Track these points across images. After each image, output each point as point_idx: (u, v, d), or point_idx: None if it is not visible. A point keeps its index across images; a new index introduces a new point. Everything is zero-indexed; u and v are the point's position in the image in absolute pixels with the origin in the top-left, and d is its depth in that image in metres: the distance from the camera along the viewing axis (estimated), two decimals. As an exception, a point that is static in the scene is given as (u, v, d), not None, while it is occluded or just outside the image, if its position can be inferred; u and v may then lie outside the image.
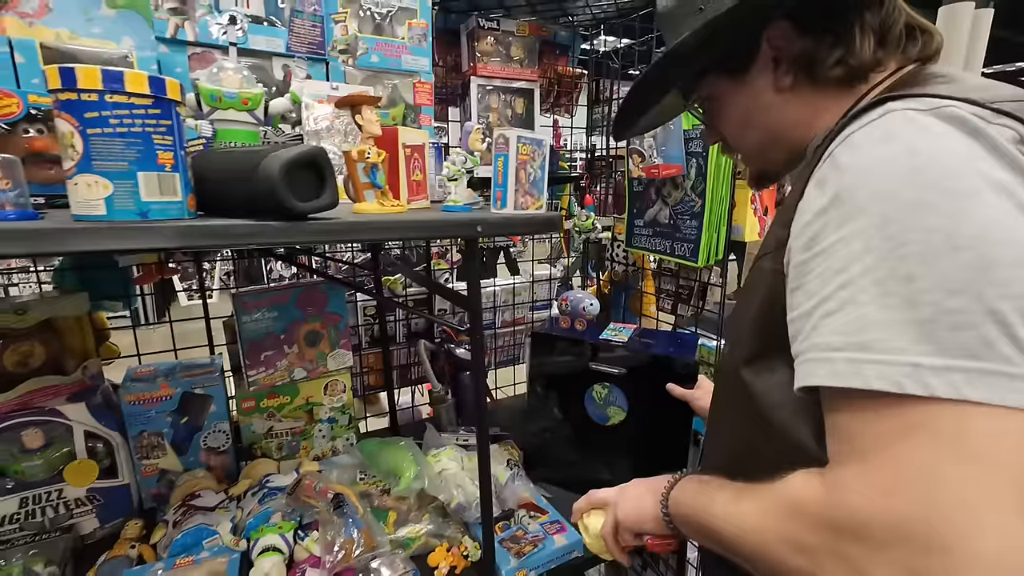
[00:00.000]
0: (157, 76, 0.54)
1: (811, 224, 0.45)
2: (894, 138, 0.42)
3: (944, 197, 0.38)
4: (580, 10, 1.42)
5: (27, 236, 0.48)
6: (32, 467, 0.99)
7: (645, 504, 0.67)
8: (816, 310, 0.43)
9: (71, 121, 0.51)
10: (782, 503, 0.46)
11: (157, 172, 0.55)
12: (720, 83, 0.64)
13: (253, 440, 1.25)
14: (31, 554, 0.94)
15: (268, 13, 1.04)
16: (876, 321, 0.39)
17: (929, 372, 0.37)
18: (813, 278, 0.44)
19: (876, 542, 0.37)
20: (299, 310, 1.25)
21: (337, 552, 0.90)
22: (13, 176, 0.54)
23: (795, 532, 0.43)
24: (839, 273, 0.42)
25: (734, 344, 0.60)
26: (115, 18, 0.96)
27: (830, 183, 0.44)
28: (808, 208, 0.46)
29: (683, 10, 0.62)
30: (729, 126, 0.67)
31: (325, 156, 0.62)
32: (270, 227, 0.59)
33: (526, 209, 0.81)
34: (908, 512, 0.36)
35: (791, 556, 0.43)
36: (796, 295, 0.46)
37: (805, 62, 0.56)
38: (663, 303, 1.59)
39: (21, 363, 1.00)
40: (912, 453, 0.37)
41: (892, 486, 0.37)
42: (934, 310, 0.37)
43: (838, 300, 0.41)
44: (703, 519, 0.56)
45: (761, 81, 0.60)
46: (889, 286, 0.39)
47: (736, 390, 0.57)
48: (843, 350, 0.41)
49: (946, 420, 0.36)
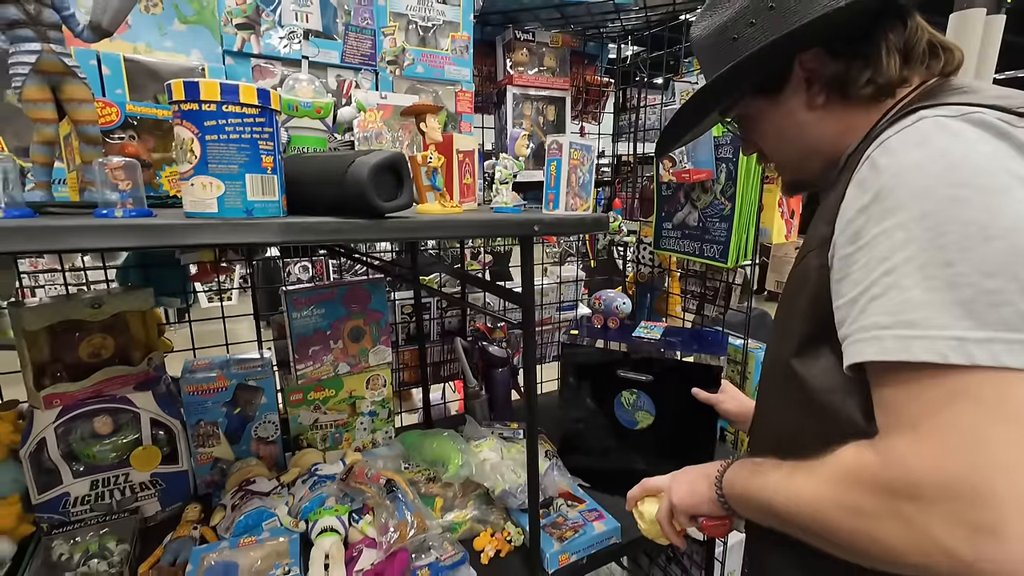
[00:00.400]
0: (264, 89, 0.60)
1: (854, 220, 0.50)
2: (928, 141, 0.46)
3: (977, 193, 0.43)
4: (611, 22, 1.48)
5: (158, 230, 0.54)
6: (102, 452, 1.06)
7: (699, 488, 0.71)
8: (863, 296, 0.48)
9: (192, 128, 0.58)
10: (837, 473, 0.50)
11: (260, 174, 0.61)
12: (756, 103, 0.69)
13: (299, 431, 1.31)
14: (103, 533, 1.00)
15: (325, 27, 1.11)
16: (921, 302, 0.43)
17: (972, 344, 0.41)
18: (858, 268, 0.49)
19: (929, 500, 0.42)
20: (344, 307, 1.31)
21: (392, 533, 0.96)
22: (133, 178, 0.60)
23: (852, 498, 0.48)
24: (883, 261, 0.46)
25: (782, 338, 0.64)
26: (185, 32, 1.03)
27: (870, 183, 0.49)
28: (850, 206, 0.51)
29: (717, 40, 0.68)
30: (765, 141, 0.73)
31: (404, 161, 0.68)
32: (356, 224, 0.65)
33: (575, 210, 0.87)
34: (956, 471, 0.41)
35: (848, 520, 0.48)
36: (843, 284, 0.51)
37: (837, 83, 0.61)
38: (688, 304, 1.64)
39: (94, 354, 1.07)
40: (958, 418, 0.42)
41: (941, 449, 0.42)
42: (974, 290, 0.41)
43: (883, 285, 0.46)
44: (758, 497, 0.60)
45: (795, 101, 0.64)
46: (930, 271, 0.43)
47: (786, 379, 0.61)
48: (891, 328, 0.45)
49: (988, 386, 0.41)
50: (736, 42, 0.65)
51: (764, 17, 0.62)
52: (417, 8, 1.21)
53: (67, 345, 1.04)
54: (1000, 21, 1.41)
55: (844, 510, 0.48)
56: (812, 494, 0.52)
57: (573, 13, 1.40)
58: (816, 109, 0.63)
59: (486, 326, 1.60)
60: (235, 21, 1.03)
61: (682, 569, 1.70)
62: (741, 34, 0.64)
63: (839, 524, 0.49)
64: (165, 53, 1.02)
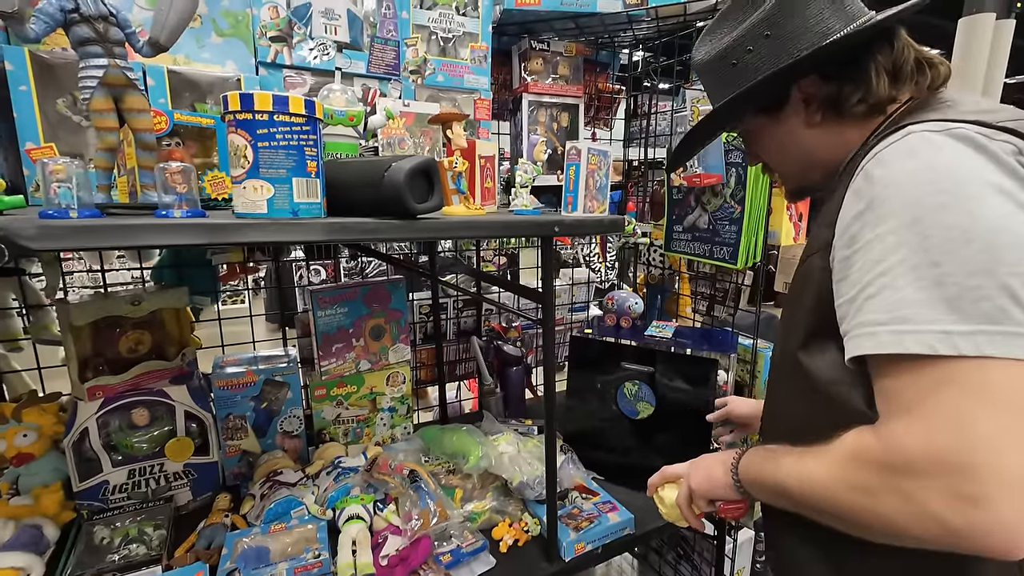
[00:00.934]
0: (310, 99, 0.65)
1: (851, 226, 0.55)
2: (915, 155, 0.52)
3: (958, 201, 0.48)
4: (623, 31, 1.53)
5: (217, 229, 0.60)
6: (140, 442, 1.11)
7: (716, 474, 0.75)
8: (860, 295, 0.52)
9: (245, 136, 0.63)
10: (842, 456, 0.54)
11: (306, 178, 0.67)
12: (758, 120, 0.75)
13: (323, 426, 1.36)
14: (140, 519, 1.06)
15: (352, 39, 1.16)
16: (911, 299, 0.48)
17: (958, 336, 0.46)
18: (856, 269, 0.53)
19: (922, 475, 0.46)
20: (366, 306, 1.36)
21: (415, 521, 1.00)
22: (189, 182, 0.66)
23: (856, 477, 0.52)
24: (878, 263, 0.51)
25: (788, 333, 0.69)
26: (221, 45, 1.10)
27: (864, 192, 0.54)
28: (848, 213, 0.56)
29: (719, 65, 0.73)
30: (768, 154, 0.79)
31: (435, 165, 0.73)
32: (391, 224, 0.70)
33: (592, 212, 0.92)
34: (945, 448, 0.45)
35: (854, 498, 0.52)
36: (842, 285, 0.56)
37: (831, 103, 0.66)
38: (698, 305, 1.67)
39: (132, 349, 1.13)
40: (946, 402, 0.46)
41: (931, 430, 0.46)
42: (958, 288, 0.46)
43: (878, 285, 0.51)
44: (772, 481, 0.64)
45: (794, 119, 0.70)
46: (920, 271, 0.48)
47: (793, 371, 0.66)
48: (886, 324, 0.50)
49: (972, 374, 0.45)
50: (736, 67, 0.70)
51: (761, 44, 0.68)
52: (439, 20, 1.26)
53: (108, 340, 1.10)
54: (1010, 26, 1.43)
55: (850, 489, 0.53)
56: (821, 476, 0.56)
57: (587, 23, 1.45)
58: (814, 127, 0.69)
59: (501, 326, 1.64)
60: (269, 34, 1.09)
61: (692, 566, 1.73)
62: (740, 60, 0.70)
63: (846, 502, 0.53)
64: (203, 64, 1.08)
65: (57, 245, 0.54)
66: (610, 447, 1.29)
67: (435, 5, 1.27)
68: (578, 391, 1.33)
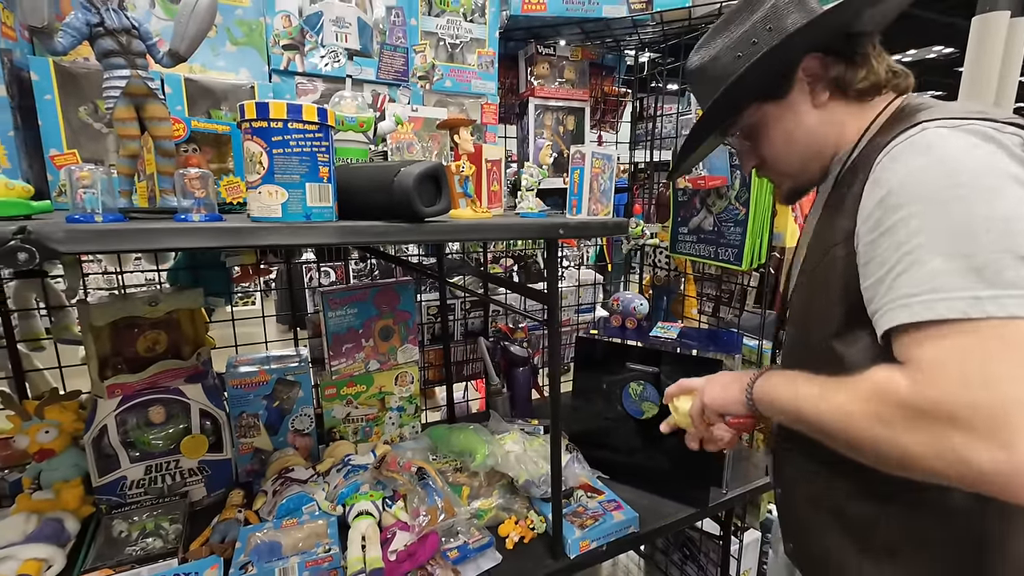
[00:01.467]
0: (322, 108, 0.68)
1: (873, 213, 0.59)
2: (933, 147, 0.56)
3: (976, 191, 0.52)
4: (628, 36, 1.55)
5: (234, 232, 0.62)
6: (156, 439, 1.14)
7: (731, 391, 0.78)
8: (890, 273, 0.56)
9: (261, 143, 0.66)
10: (868, 389, 0.56)
11: (318, 183, 0.69)
12: (764, 108, 0.77)
13: (333, 424, 1.38)
14: (157, 513, 1.09)
15: (363, 47, 1.19)
16: (941, 270, 0.52)
17: (986, 300, 0.50)
18: (882, 251, 0.57)
19: (950, 419, 0.49)
20: (375, 307, 1.39)
21: (423, 517, 1.02)
22: (207, 187, 0.68)
23: (880, 410, 0.54)
24: (904, 244, 0.55)
25: (814, 322, 0.72)
26: (236, 53, 1.13)
27: (884, 181, 0.58)
28: (869, 202, 0.60)
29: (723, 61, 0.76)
30: (773, 146, 0.80)
31: (443, 170, 0.75)
32: (400, 227, 0.72)
33: (597, 215, 0.93)
34: (976, 397, 0.48)
35: (873, 427, 0.55)
36: (869, 267, 0.59)
37: (836, 82, 0.71)
38: (703, 306, 1.68)
39: (150, 348, 1.16)
40: (977, 357, 0.50)
41: (962, 379, 0.50)
42: (983, 259, 0.51)
43: (907, 263, 0.54)
44: (787, 404, 0.67)
45: (801, 101, 0.74)
46: (945, 248, 0.52)
47: (825, 359, 0.68)
48: (917, 295, 0.53)
49: (1001, 332, 0.50)
50: (740, 59, 0.74)
51: (763, 36, 0.72)
52: (446, 27, 1.29)
53: (127, 340, 1.14)
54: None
55: (870, 419, 0.55)
56: (840, 402, 0.59)
57: (593, 28, 1.47)
58: (820, 106, 0.73)
59: (508, 327, 1.66)
60: (282, 42, 1.12)
61: (699, 567, 1.74)
62: (745, 52, 0.74)
63: (865, 431, 0.56)
64: (217, 72, 1.11)
65: (84, 248, 0.57)
66: (615, 447, 1.30)
67: (443, 12, 1.30)
68: (584, 391, 1.34)
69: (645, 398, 1.24)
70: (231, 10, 1.10)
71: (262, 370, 1.26)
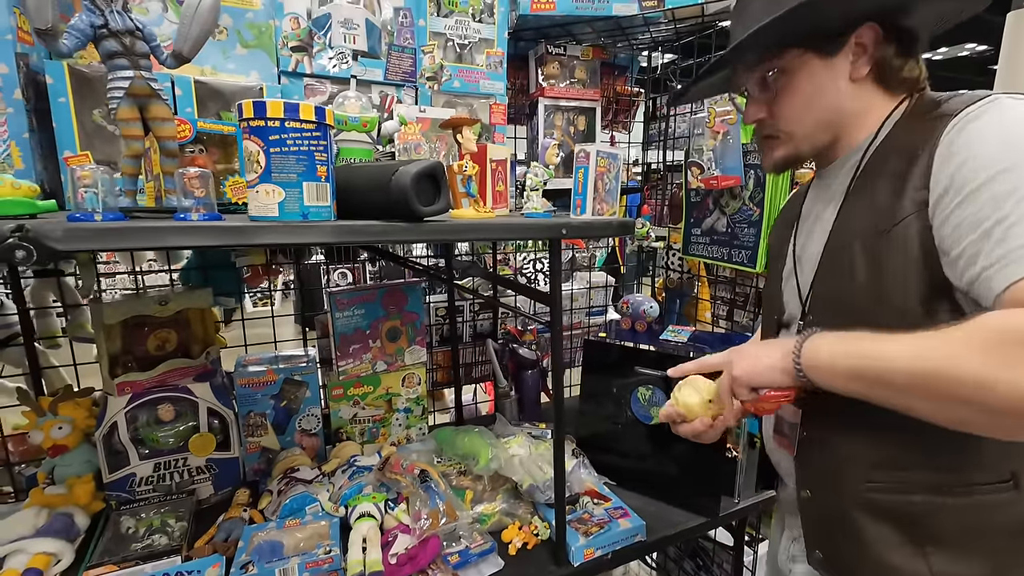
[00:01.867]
0: (320, 107, 0.68)
1: (955, 176, 0.59)
2: (1005, 112, 0.59)
3: None
4: (640, 34, 1.52)
5: (229, 231, 0.62)
6: (165, 437, 1.16)
7: (769, 360, 0.72)
8: (997, 226, 0.55)
9: (258, 142, 0.66)
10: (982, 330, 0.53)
11: (316, 182, 0.69)
12: (806, 58, 0.73)
13: (340, 424, 1.39)
14: (164, 510, 1.10)
15: (370, 48, 1.19)
16: None
17: None
18: (978, 207, 0.57)
19: None
20: (383, 308, 1.39)
21: (424, 520, 1.01)
22: (206, 186, 0.69)
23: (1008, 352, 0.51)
24: (1010, 195, 0.54)
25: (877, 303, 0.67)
26: (246, 55, 1.14)
27: (959, 146, 0.60)
28: (946, 170, 0.60)
29: None
30: (794, 101, 0.75)
31: (443, 169, 0.74)
32: (398, 227, 0.72)
33: (602, 214, 0.91)
34: None
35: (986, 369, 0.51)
36: (960, 228, 0.58)
37: (881, 63, 0.71)
38: (718, 309, 1.64)
39: (160, 347, 1.18)
40: None
41: None
42: None
43: (1018, 214, 0.54)
44: (852, 361, 0.62)
45: (842, 65, 0.72)
46: None
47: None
48: None
49: None
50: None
51: None
52: (455, 27, 1.28)
53: (137, 338, 1.16)
54: (1057, 20, 1.36)
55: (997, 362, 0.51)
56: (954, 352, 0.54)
57: (603, 27, 1.45)
58: (856, 80, 0.72)
59: (516, 329, 1.65)
60: (290, 44, 1.13)
61: (711, 577, 1.69)
62: None
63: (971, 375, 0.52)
64: (227, 75, 1.12)
65: (81, 246, 0.57)
66: (623, 452, 1.27)
67: (451, 12, 1.29)
68: (592, 395, 1.32)
69: (654, 403, 1.21)
70: (241, 13, 1.11)
71: (270, 370, 1.27)
